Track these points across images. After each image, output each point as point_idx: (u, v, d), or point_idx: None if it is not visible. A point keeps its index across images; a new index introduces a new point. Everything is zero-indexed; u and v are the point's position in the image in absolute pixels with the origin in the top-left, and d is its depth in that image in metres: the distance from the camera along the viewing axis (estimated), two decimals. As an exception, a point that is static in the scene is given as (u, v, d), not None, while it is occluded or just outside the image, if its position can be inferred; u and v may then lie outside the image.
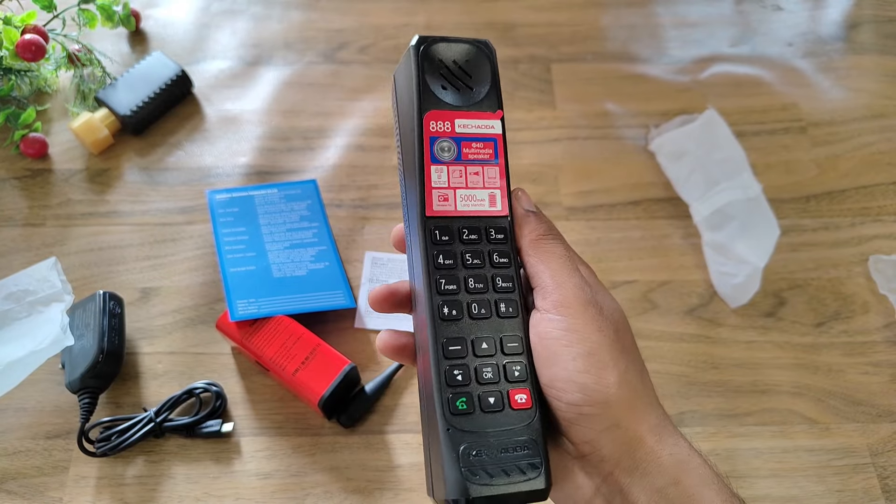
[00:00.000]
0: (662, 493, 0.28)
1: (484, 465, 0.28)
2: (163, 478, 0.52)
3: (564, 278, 0.30)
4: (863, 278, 0.62)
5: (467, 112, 0.32)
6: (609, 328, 0.30)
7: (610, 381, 0.29)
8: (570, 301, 0.30)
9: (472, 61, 0.33)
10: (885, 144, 0.69)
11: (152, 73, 0.69)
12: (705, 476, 0.29)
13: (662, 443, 0.29)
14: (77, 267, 0.61)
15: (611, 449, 0.29)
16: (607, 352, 0.29)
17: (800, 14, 0.79)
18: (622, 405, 0.29)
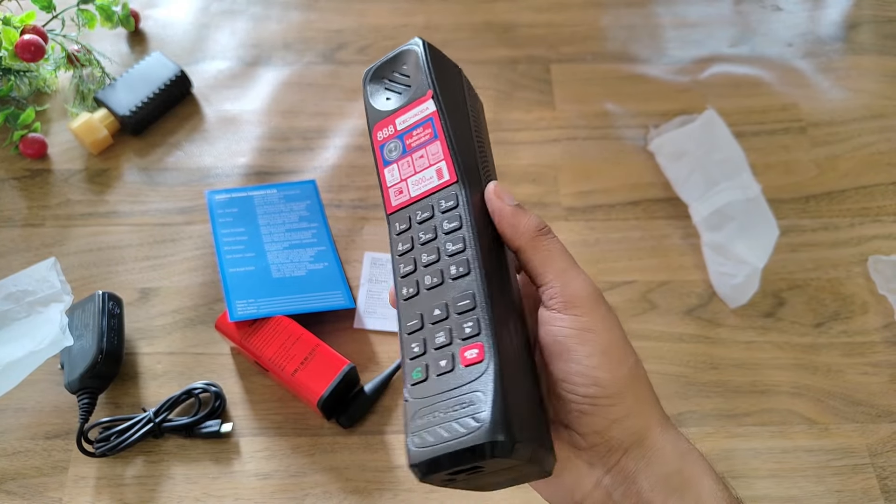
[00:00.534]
0: (666, 481, 0.29)
1: (427, 427, 0.28)
2: (162, 478, 0.52)
3: (570, 277, 0.31)
4: (862, 279, 0.62)
5: (404, 108, 0.35)
6: (617, 324, 0.31)
7: (623, 374, 0.30)
8: (580, 299, 0.30)
9: (408, 64, 0.35)
10: (885, 145, 0.69)
11: (151, 73, 0.69)
12: (705, 467, 0.30)
13: (666, 434, 0.30)
14: (76, 267, 0.61)
15: (622, 438, 0.30)
16: (618, 347, 0.30)
17: (799, 14, 0.79)
18: (634, 396, 0.30)
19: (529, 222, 0.31)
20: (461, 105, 0.35)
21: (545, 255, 0.31)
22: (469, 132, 0.34)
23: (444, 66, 0.36)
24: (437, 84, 0.34)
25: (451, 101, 0.34)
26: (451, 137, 0.33)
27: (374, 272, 0.61)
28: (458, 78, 0.36)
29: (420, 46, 0.35)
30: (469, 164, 0.33)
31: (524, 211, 0.32)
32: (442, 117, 0.33)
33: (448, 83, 0.35)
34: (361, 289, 0.61)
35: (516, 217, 0.31)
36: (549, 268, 0.31)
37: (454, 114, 0.34)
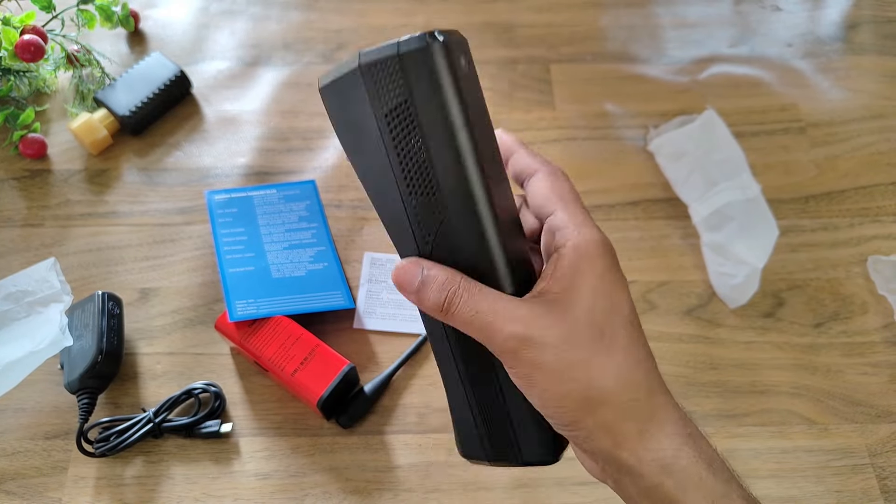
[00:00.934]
0: (648, 494, 0.30)
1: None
2: (162, 478, 0.52)
3: (487, 335, 0.30)
4: (862, 279, 0.62)
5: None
6: (555, 356, 0.29)
7: (570, 407, 0.30)
8: (502, 353, 0.30)
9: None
10: (885, 145, 0.69)
11: (151, 73, 0.69)
12: (693, 478, 0.29)
13: (644, 447, 0.30)
14: (76, 267, 0.61)
15: (595, 455, 0.31)
16: (556, 383, 0.29)
17: (799, 14, 0.79)
18: (588, 421, 0.30)
19: (429, 307, 0.31)
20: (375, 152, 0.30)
21: (459, 325, 0.30)
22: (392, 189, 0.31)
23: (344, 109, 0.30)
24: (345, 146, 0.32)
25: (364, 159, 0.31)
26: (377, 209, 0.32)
27: (374, 272, 0.61)
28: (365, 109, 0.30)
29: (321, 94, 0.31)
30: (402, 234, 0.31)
31: (422, 295, 0.31)
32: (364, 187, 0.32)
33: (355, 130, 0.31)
34: (361, 289, 0.61)
35: (420, 304, 0.31)
36: (469, 333, 0.30)
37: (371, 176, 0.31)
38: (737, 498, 0.29)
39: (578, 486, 0.52)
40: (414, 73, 0.28)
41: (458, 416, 0.34)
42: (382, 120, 0.29)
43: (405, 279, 0.31)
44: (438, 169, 0.29)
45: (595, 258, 0.30)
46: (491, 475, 0.53)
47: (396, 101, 0.29)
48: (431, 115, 0.28)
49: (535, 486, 0.52)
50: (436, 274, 0.30)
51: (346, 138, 0.31)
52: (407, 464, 0.53)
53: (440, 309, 0.30)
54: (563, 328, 0.29)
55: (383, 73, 0.28)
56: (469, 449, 0.34)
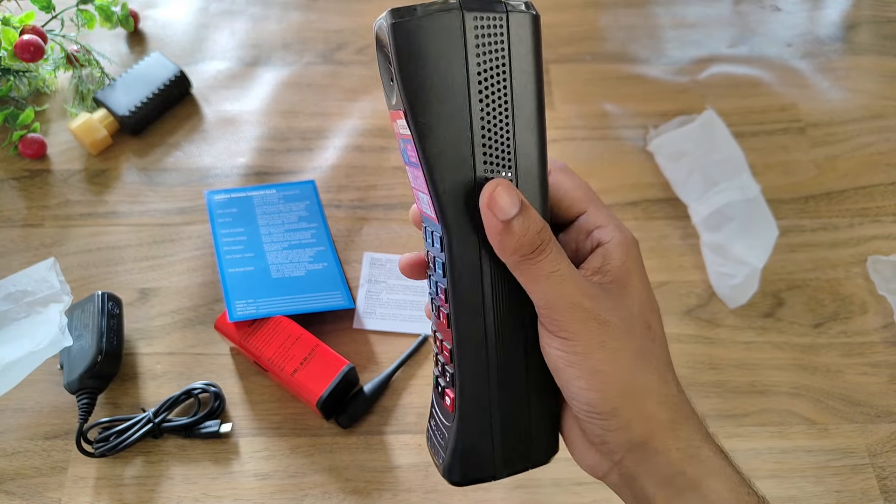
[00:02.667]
0: (669, 482, 0.30)
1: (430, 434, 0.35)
2: (161, 478, 0.52)
3: (555, 298, 0.29)
4: (861, 279, 0.62)
5: (393, 113, 0.29)
6: (615, 339, 0.29)
7: (614, 395, 0.30)
8: (565, 323, 0.29)
9: (389, 54, 0.27)
10: (884, 145, 0.69)
11: (151, 73, 0.69)
12: (714, 468, 0.30)
13: (674, 437, 0.30)
14: (75, 267, 0.61)
15: (619, 445, 0.31)
16: (610, 366, 0.29)
17: (798, 15, 0.79)
18: (629, 411, 0.30)
19: (514, 244, 0.28)
20: (456, 104, 0.27)
21: (529, 277, 0.29)
22: (461, 149, 0.28)
23: (427, 52, 0.26)
24: (411, 98, 0.27)
25: (436, 111, 0.27)
26: (430, 169, 0.28)
27: (374, 272, 0.61)
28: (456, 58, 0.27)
29: (386, 34, 0.26)
30: (458, 206, 0.28)
31: (516, 226, 0.28)
32: (419, 146, 0.27)
33: (434, 80, 0.26)
34: (361, 289, 0.61)
35: (503, 236, 0.28)
36: (532, 290, 0.29)
37: (439, 131, 0.27)
38: (750, 489, 0.30)
39: (577, 486, 0.52)
40: (518, 36, 0.27)
41: (465, 426, 0.31)
42: (475, 78, 0.27)
43: (500, 202, 0.27)
44: (520, 151, 0.28)
45: (638, 257, 0.31)
46: (490, 475, 0.53)
47: (496, 60, 0.27)
48: (523, 81, 0.27)
49: (535, 487, 0.52)
50: (534, 215, 0.28)
51: (415, 84, 0.26)
52: (406, 464, 0.53)
53: (530, 250, 0.28)
54: (623, 314, 0.30)
55: (487, 24, 0.26)
56: (470, 466, 0.32)
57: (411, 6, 0.26)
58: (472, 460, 0.32)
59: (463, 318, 0.30)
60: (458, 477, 0.33)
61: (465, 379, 0.31)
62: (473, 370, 0.31)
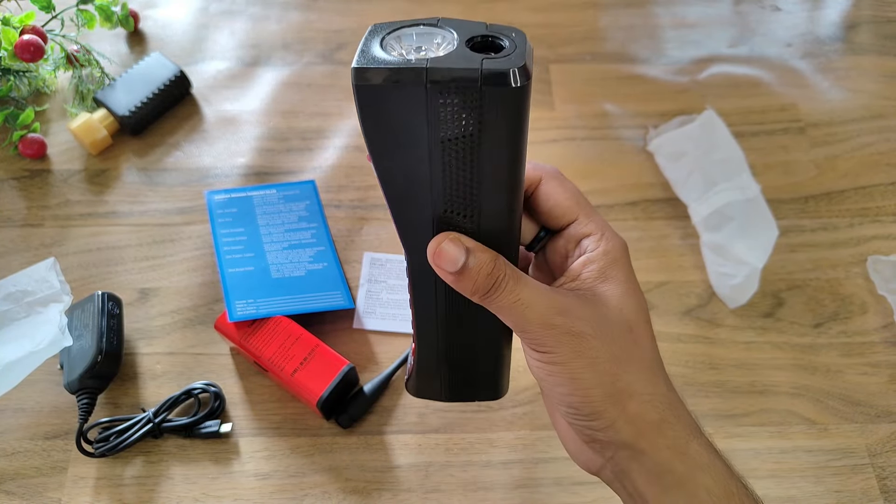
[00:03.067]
0: (659, 479, 0.31)
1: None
2: (161, 478, 0.52)
3: (525, 323, 0.30)
4: (861, 279, 0.62)
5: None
6: (592, 347, 0.30)
7: (595, 398, 0.31)
8: (540, 340, 0.31)
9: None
10: (884, 145, 0.69)
11: (151, 73, 0.69)
12: (702, 462, 0.31)
13: (662, 435, 0.31)
14: (76, 267, 0.61)
15: (609, 444, 0.32)
16: (590, 373, 0.31)
17: (798, 15, 0.79)
18: (613, 412, 0.31)
19: (470, 288, 0.30)
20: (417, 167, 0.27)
21: (495, 310, 0.31)
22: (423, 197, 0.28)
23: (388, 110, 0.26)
24: (373, 151, 0.27)
25: (398, 172, 0.28)
26: (393, 212, 0.29)
27: (374, 272, 0.61)
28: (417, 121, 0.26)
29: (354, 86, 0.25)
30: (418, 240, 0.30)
31: (464, 276, 0.30)
32: (384, 189, 0.28)
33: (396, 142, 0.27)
34: (361, 289, 0.61)
35: (457, 284, 0.30)
36: (503, 318, 0.31)
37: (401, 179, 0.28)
38: (739, 483, 0.31)
39: (577, 486, 0.52)
40: (493, 112, 0.25)
41: (420, 362, 0.37)
42: (437, 143, 0.26)
43: (446, 257, 0.29)
44: (484, 200, 0.28)
45: (622, 262, 0.33)
46: (491, 475, 0.53)
47: (463, 130, 0.25)
48: (496, 155, 0.27)
49: (535, 486, 0.52)
50: (483, 258, 0.29)
51: (377, 139, 0.27)
52: (406, 464, 0.53)
53: (485, 290, 0.30)
54: (599, 321, 0.31)
55: (455, 96, 0.25)
56: (423, 389, 0.39)
57: (378, 67, 0.25)
58: (426, 386, 0.39)
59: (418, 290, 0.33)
60: (414, 392, 0.39)
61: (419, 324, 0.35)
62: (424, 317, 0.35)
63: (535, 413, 0.55)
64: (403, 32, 0.27)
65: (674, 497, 0.30)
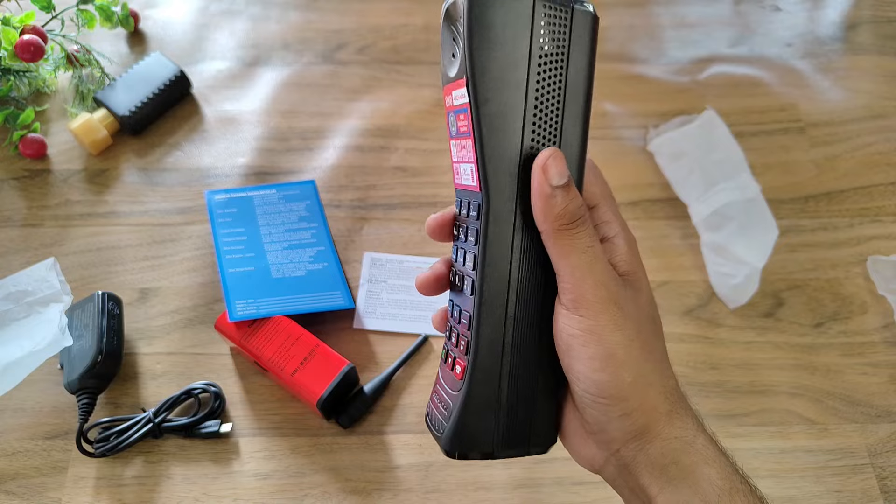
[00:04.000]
0: (663, 471, 0.31)
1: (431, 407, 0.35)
2: (161, 478, 0.52)
3: (583, 274, 0.30)
4: (861, 279, 0.62)
5: (452, 84, 0.31)
6: (630, 326, 0.30)
7: (625, 380, 0.30)
8: (588, 300, 0.30)
9: (461, 20, 0.29)
10: (884, 145, 0.69)
11: (151, 73, 0.69)
12: (708, 456, 0.31)
13: (670, 427, 0.31)
14: (76, 267, 0.61)
15: (618, 434, 0.31)
16: (625, 351, 0.30)
17: (798, 15, 0.79)
18: (635, 399, 0.30)
19: (557, 210, 0.29)
20: (514, 84, 0.29)
21: (562, 249, 0.30)
22: (514, 126, 0.29)
23: (497, 24, 0.28)
24: (476, 66, 0.28)
25: (497, 85, 0.29)
26: (481, 139, 0.29)
27: (374, 272, 0.61)
28: (522, 38, 0.29)
29: (461, 2, 0.28)
30: (502, 174, 0.30)
31: (560, 195, 0.29)
32: (475, 114, 0.29)
33: (498, 54, 0.28)
34: (361, 289, 0.61)
35: (548, 201, 0.29)
36: (562, 263, 0.30)
37: (496, 104, 0.29)
38: (743, 478, 0.31)
39: (578, 486, 0.52)
40: (579, 30, 0.29)
41: (472, 394, 0.31)
42: (536, 58, 0.29)
43: (559, 168, 0.29)
44: (565, 128, 0.30)
45: (638, 254, 0.33)
46: (491, 475, 0.53)
47: (557, 45, 0.29)
48: (579, 77, 0.30)
49: (535, 486, 0.52)
50: (577, 192, 0.30)
51: (483, 55, 0.28)
52: (407, 464, 0.53)
53: (570, 221, 0.29)
54: (636, 305, 0.31)
55: (554, 14, 0.29)
56: (471, 439, 0.32)
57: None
58: (474, 433, 0.32)
59: (487, 285, 0.31)
60: (457, 447, 0.32)
61: (481, 345, 0.31)
62: (490, 338, 0.31)
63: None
64: None
65: (678, 488, 0.30)
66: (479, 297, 0.31)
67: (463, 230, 0.33)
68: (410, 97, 0.71)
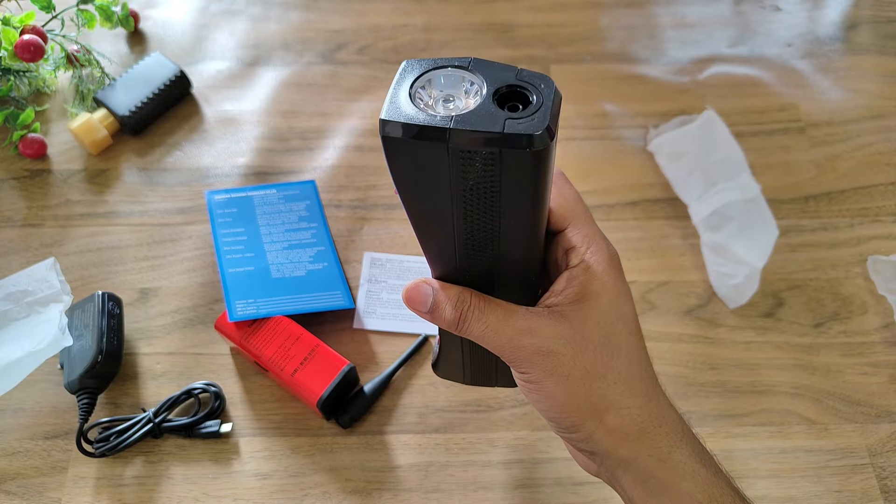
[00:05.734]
0: (644, 484, 0.32)
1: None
2: (161, 478, 0.52)
3: (497, 346, 0.32)
4: (861, 279, 0.62)
5: None
6: (561, 364, 0.31)
7: (570, 413, 0.32)
8: (515, 360, 0.33)
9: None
10: (884, 145, 0.69)
11: (151, 73, 0.69)
12: (686, 470, 0.32)
13: (642, 444, 0.32)
14: (76, 267, 0.61)
15: (594, 451, 0.34)
16: (562, 389, 0.32)
17: (798, 15, 0.79)
18: (590, 425, 0.32)
19: (442, 324, 0.33)
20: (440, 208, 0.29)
21: (474, 339, 0.33)
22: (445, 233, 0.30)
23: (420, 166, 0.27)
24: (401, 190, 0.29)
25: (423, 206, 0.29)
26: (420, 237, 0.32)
27: (374, 272, 0.61)
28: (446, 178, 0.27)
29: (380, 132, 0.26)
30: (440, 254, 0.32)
31: (434, 316, 0.33)
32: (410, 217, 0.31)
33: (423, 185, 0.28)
34: (361, 289, 0.61)
35: (433, 321, 0.33)
36: (484, 345, 0.33)
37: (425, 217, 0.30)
38: (726, 488, 0.32)
39: (578, 486, 0.52)
40: (512, 168, 0.25)
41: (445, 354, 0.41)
42: (459, 191, 0.27)
43: (417, 300, 0.33)
44: (504, 239, 0.30)
45: (604, 275, 0.32)
46: (491, 475, 0.53)
47: (484, 183, 0.26)
48: (517, 202, 0.27)
49: (535, 486, 0.52)
50: (445, 295, 0.32)
51: (404, 183, 0.28)
52: (407, 464, 0.53)
53: (455, 324, 0.32)
54: (573, 339, 0.31)
55: (477, 155, 0.25)
56: (447, 373, 0.44)
57: (404, 122, 0.25)
58: (450, 368, 0.43)
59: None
60: (439, 373, 0.44)
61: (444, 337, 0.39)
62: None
63: (535, 413, 0.55)
64: (433, 76, 0.27)
65: (659, 501, 0.32)
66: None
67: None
68: (410, 97, 0.71)
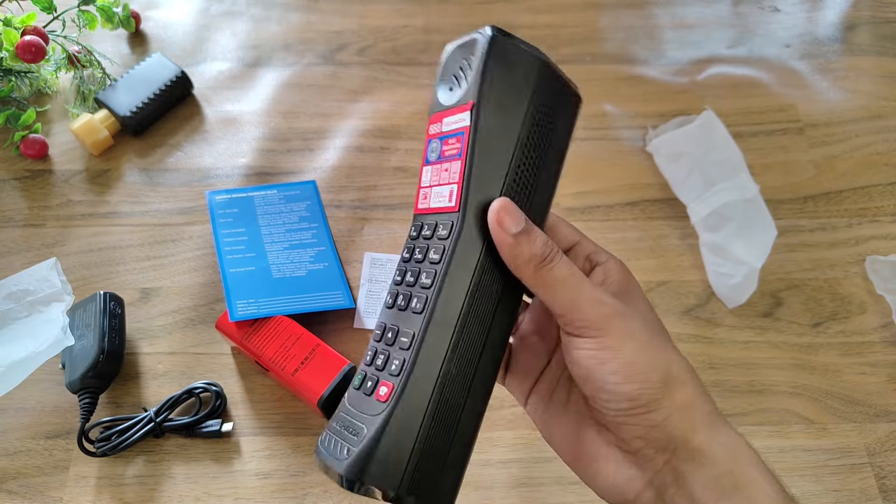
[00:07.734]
0: (717, 481, 0.29)
1: (331, 432, 0.31)
2: (163, 477, 0.53)
3: (575, 299, 0.30)
4: (860, 279, 0.62)
5: (452, 110, 0.32)
6: (642, 331, 0.30)
7: (655, 382, 0.29)
8: (590, 320, 0.30)
9: (472, 57, 0.31)
10: (883, 145, 0.70)
11: (152, 74, 0.69)
12: (759, 468, 0.30)
13: (715, 432, 0.30)
14: (77, 267, 0.62)
15: (665, 441, 0.30)
16: (646, 355, 0.30)
17: (797, 15, 0.79)
18: (671, 401, 0.29)
19: (527, 254, 0.29)
20: (513, 124, 0.31)
21: (546, 286, 0.30)
22: (503, 158, 0.30)
23: (510, 70, 0.30)
24: (484, 95, 0.30)
25: (498, 118, 0.30)
26: (471, 161, 0.30)
27: (374, 272, 0.62)
28: (527, 89, 0.31)
29: (483, 39, 0.31)
30: (482, 196, 0.30)
31: (524, 239, 0.29)
32: (472, 137, 0.30)
33: (506, 94, 0.30)
34: (361, 289, 0.61)
35: (515, 249, 0.29)
36: (551, 298, 0.30)
37: (493, 134, 0.30)
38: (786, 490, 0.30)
39: (578, 486, 0.52)
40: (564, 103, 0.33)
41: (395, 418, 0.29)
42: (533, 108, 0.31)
43: (514, 213, 0.29)
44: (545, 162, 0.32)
45: (630, 274, 0.34)
46: (491, 475, 0.53)
47: (548, 106, 0.32)
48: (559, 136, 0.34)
49: (535, 486, 0.53)
50: (538, 230, 0.30)
51: (493, 80, 0.30)
52: (407, 463, 0.53)
53: (541, 258, 0.29)
54: (638, 308, 0.32)
55: (553, 82, 0.32)
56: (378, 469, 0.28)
57: (511, 36, 0.31)
58: (383, 464, 0.28)
59: (441, 307, 0.30)
60: (359, 475, 0.28)
61: (419, 367, 0.29)
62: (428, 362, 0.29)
63: (534, 412, 0.55)
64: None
65: (732, 500, 0.29)
66: (428, 317, 0.30)
67: (421, 250, 0.32)
68: (411, 98, 0.72)
